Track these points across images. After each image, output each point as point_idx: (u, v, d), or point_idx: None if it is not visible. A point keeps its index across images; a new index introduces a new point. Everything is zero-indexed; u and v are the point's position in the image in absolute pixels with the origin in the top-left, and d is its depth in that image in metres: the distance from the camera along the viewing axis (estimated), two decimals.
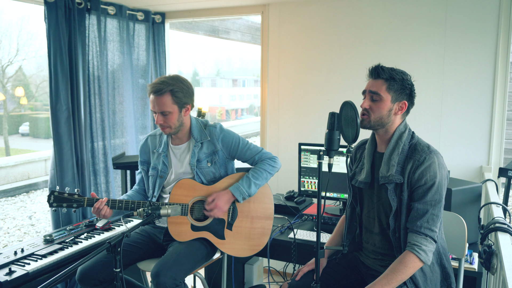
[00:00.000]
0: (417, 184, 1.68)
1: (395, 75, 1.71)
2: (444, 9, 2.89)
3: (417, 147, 1.72)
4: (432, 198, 1.67)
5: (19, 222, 6.62)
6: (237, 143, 2.30)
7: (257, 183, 2.26)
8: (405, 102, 1.74)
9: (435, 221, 1.67)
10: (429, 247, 1.65)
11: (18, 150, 12.31)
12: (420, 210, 1.67)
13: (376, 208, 1.84)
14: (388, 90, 1.71)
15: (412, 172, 1.69)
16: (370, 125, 1.75)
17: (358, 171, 1.90)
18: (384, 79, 1.71)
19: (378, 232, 1.84)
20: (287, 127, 3.47)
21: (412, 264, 1.64)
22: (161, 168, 2.30)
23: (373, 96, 1.73)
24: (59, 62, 2.82)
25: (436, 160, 1.67)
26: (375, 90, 1.72)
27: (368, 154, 1.85)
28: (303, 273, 1.96)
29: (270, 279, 3.32)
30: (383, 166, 1.75)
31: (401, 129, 1.76)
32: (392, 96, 1.72)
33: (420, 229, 1.66)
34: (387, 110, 1.72)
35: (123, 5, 3.33)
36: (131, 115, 3.52)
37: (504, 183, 2.72)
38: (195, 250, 2.18)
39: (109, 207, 2.12)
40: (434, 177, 1.66)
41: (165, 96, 2.12)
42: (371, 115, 1.73)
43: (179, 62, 25.62)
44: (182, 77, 2.22)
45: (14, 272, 2.08)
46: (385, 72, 1.72)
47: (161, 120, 2.16)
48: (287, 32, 3.38)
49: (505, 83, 2.79)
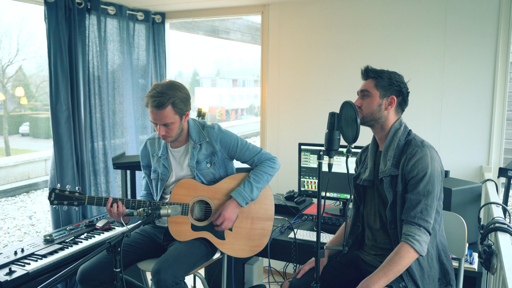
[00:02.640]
0: (409, 176, 1.72)
1: (382, 74, 1.82)
2: (444, 10, 2.89)
3: (412, 142, 1.79)
4: (424, 189, 1.70)
5: (19, 222, 6.63)
6: (236, 144, 2.30)
7: (259, 186, 2.27)
8: (393, 97, 1.81)
9: (429, 211, 1.69)
10: (423, 237, 1.67)
11: (18, 150, 12.31)
12: (413, 200, 1.70)
13: (377, 204, 1.88)
14: (376, 87, 1.81)
15: (406, 164, 1.74)
16: (364, 121, 1.83)
17: (362, 171, 1.97)
18: (372, 78, 1.83)
19: (379, 227, 1.87)
20: (287, 127, 3.47)
21: (407, 255, 1.65)
22: (162, 171, 2.30)
23: (363, 94, 1.83)
24: (59, 62, 2.82)
25: (428, 153, 1.72)
26: (364, 88, 1.83)
27: (371, 153, 1.93)
28: (304, 271, 1.97)
29: (270, 279, 3.32)
30: (382, 162, 1.82)
31: (396, 126, 1.83)
32: (380, 92, 1.81)
33: (413, 219, 1.68)
34: (377, 105, 1.80)
35: (123, 5, 3.33)
36: (131, 115, 3.52)
37: (504, 183, 2.72)
38: (196, 249, 2.18)
39: (110, 206, 2.12)
40: (426, 168, 1.70)
41: (166, 109, 2.09)
42: (362, 111, 1.82)
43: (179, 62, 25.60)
44: (177, 83, 2.18)
45: (14, 272, 2.09)
46: (373, 71, 1.84)
47: (164, 131, 2.14)
48: (287, 32, 3.38)
49: (505, 83, 2.79)
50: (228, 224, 2.23)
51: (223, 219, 2.21)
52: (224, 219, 2.21)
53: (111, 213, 2.13)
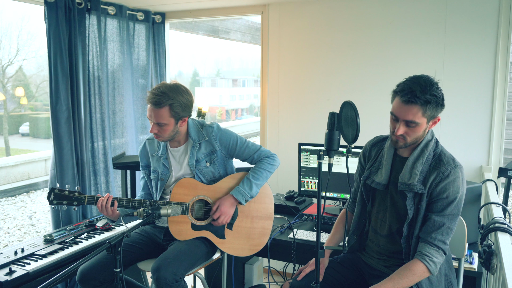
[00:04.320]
0: (438, 197, 1.67)
1: (430, 98, 1.60)
2: (444, 9, 2.89)
3: (442, 158, 1.70)
4: (451, 212, 1.67)
5: (19, 222, 6.62)
6: (235, 142, 2.30)
7: (258, 183, 2.27)
8: (439, 117, 1.69)
9: (449, 234, 1.68)
10: (439, 259, 1.67)
11: (18, 150, 12.30)
12: (437, 222, 1.67)
13: (389, 211, 1.82)
14: (424, 115, 1.63)
15: (435, 184, 1.68)
16: (406, 146, 1.73)
17: (374, 170, 1.85)
18: (419, 105, 1.61)
19: (385, 234, 1.83)
20: (287, 127, 3.47)
21: (420, 274, 1.66)
22: (162, 171, 2.30)
23: (409, 123, 1.65)
24: (59, 62, 2.82)
25: (460, 175, 1.68)
26: (411, 119, 1.63)
27: (388, 156, 1.81)
28: (305, 273, 1.95)
29: (270, 279, 3.32)
30: (405, 172, 1.73)
31: (428, 137, 1.73)
32: (427, 118, 1.65)
33: (434, 241, 1.67)
34: (423, 130, 1.68)
35: (123, 5, 3.33)
36: (131, 115, 3.52)
37: (504, 183, 2.72)
38: (196, 248, 2.19)
39: (111, 205, 2.12)
40: (457, 192, 1.66)
41: (163, 109, 2.10)
42: (407, 139, 1.69)
43: (179, 62, 25.58)
44: (183, 87, 2.18)
45: (14, 272, 2.09)
46: (420, 98, 1.59)
47: (156, 129, 2.15)
48: (287, 32, 3.38)
49: (505, 83, 2.79)
50: (225, 219, 2.22)
51: (219, 213, 2.21)
52: (221, 213, 2.21)
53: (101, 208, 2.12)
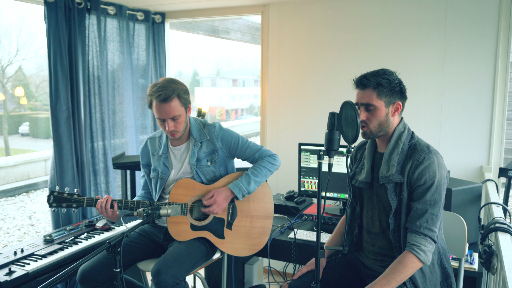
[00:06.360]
0: (416, 184, 1.68)
1: (381, 81, 1.70)
2: (444, 10, 2.89)
3: (417, 147, 1.73)
4: (431, 198, 1.67)
5: (19, 222, 6.62)
6: (237, 141, 2.30)
7: (257, 180, 2.26)
8: (398, 102, 1.75)
9: (435, 221, 1.67)
10: (428, 247, 1.66)
11: (18, 150, 12.30)
12: (419, 210, 1.68)
13: (377, 209, 1.84)
14: (379, 97, 1.71)
15: (412, 171, 1.69)
16: (373, 135, 1.77)
17: (358, 171, 1.91)
18: (372, 88, 1.71)
19: (378, 232, 1.84)
20: (287, 127, 3.47)
21: (412, 264, 1.64)
22: (162, 169, 2.30)
23: (367, 107, 1.73)
24: (59, 62, 2.82)
25: (436, 160, 1.68)
26: (367, 101, 1.72)
27: (369, 154, 1.87)
28: (301, 273, 1.96)
29: (270, 279, 3.32)
30: (383, 166, 1.76)
31: (400, 129, 1.77)
32: (384, 102, 1.72)
33: (419, 229, 1.66)
34: (384, 115, 1.73)
35: (123, 5, 3.33)
36: (131, 115, 3.52)
37: (504, 183, 2.72)
38: (195, 249, 2.18)
39: (110, 207, 2.12)
40: (433, 177, 1.66)
41: (173, 101, 2.10)
42: (369, 125, 1.75)
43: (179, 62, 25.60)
44: (174, 78, 2.22)
45: (14, 272, 2.09)
46: (371, 80, 1.71)
47: (172, 126, 2.15)
48: (287, 32, 3.38)
49: (505, 83, 2.79)
50: (215, 209, 2.19)
51: (213, 201, 2.18)
52: (214, 202, 2.18)
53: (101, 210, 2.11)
